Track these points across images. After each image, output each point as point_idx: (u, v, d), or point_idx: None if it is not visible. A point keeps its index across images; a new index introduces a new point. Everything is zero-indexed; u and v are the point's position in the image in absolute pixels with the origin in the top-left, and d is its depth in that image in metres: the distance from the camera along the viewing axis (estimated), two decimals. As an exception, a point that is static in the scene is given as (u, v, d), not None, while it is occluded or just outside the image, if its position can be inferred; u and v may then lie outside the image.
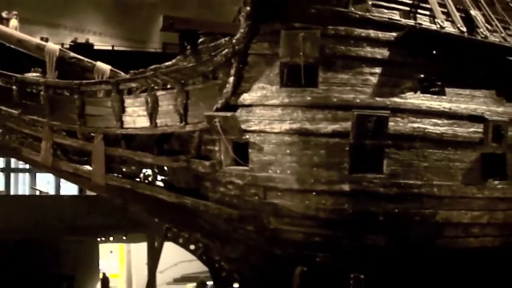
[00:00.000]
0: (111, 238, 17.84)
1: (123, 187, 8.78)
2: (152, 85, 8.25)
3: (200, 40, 7.96)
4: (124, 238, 17.59)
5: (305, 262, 7.45)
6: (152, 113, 8.21)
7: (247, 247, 8.09)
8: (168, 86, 8.21)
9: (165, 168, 8.65)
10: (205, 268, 10.31)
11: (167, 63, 8.15)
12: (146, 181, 8.86)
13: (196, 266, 13.14)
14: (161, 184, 8.77)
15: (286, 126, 6.92)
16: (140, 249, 18.07)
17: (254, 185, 7.17)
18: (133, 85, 8.58)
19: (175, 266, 17.86)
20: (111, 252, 20.16)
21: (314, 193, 6.94)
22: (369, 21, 7.27)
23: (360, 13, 7.26)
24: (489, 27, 8.42)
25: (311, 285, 7.48)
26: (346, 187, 6.87)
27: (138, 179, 8.89)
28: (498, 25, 8.60)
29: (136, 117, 8.49)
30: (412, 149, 7.04)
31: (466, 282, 7.75)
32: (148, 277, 13.48)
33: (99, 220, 15.74)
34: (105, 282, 16.57)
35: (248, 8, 7.11)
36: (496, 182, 7.64)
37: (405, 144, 7.00)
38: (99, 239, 17.70)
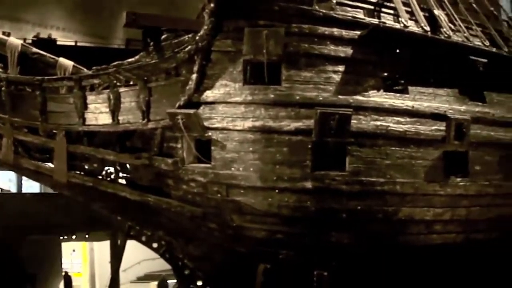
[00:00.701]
0: (73, 237, 17.62)
1: (85, 185, 8.64)
2: (115, 81, 8.13)
3: (163, 36, 7.87)
4: (86, 236, 17.43)
5: (268, 259, 7.43)
6: (114, 110, 8.10)
7: (210, 244, 8.05)
8: (131, 83, 8.11)
9: (128, 165, 8.55)
10: (168, 266, 10.25)
11: (129, 60, 8.07)
12: (109, 179, 8.74)
13: (160, 264, 13.08)
14: (123, 181, 8.66)
15: (249, 123, 6.87)
16: (103, 248, 17.90)
17: (217, 182, 7.11)
18: (96, 81, 8.44)
19: (139, 265, 17.80)
20: (73, 250, 19.98)
21: (277, 191, 6.91)
22: (333, 19, 7.27)
23: (324, 11, 7.25)
24: (452, 26, 8.50)
25: (274, 282, 7.46)
26: (308, 184, 6.85)
27: (100, 177, 8.77)
28: (461, 25, 8.69)
29: (98, 114, 8.36)
30: (375, 146, 7.06)
31: (429, 278, 7.84)
32: (111, 275, 13.34)
33: (61, 219, 15.49)
34: (68, 281, 16.40)
35: (212, 5, 7.05)
36: (459, 179, 7.70)
37: (367, 142, 7.01)
38: (61, 238, 17.49)
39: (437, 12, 8.46)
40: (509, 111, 8.44)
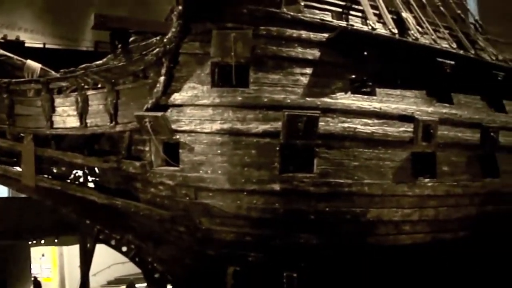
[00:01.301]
0: (42, 241, 17.37)
1: (54, 188, 8.56)
2: (83, 84, 8.08)
3: (132, 39, 7.81)
4: (56, 241, 17.20)
5: (238, 261, 7.44)
6: (82, 113, 8.06)
7: (179, 248, 8.00)
8: (99, 86, 8.05)
9: (96, 169, 8.48)
10: (139, 270, 10.18)
11: (97, 62, 8.01)
12: (77, 183, 8.66)
13: (130, 268, 12.98)
14: (92, 185, 8.59)
15: (216, 126, 6.85)
16: (72, 252, 17.69)
17: (185, 185, 7.07)
18: (63, 84, 8.38)
19: (109, 269, 17.63)
20: (43, 255, 19.73)
21: (245, 193, 6.89)
22: (301, 22, 7.28)
23: (292, 14, 7.26)
24: (420, 29, 8.57)
25: (244, 284, 7.46)
26: (277, 186, 6.85)
27: (68, 180, 8.69)
28: (429, 27, 8.77)
29: (66, 117, 8.31)
30: (343, 148, 7.08)
31: (399, 278, 7.88)
32: (81, 280, 13.21)
33: (30, 223, 15.28)
34: (37, 286, 16.19)
35: (180, 8, 7.02)
36: (426, 180, 7.76)
37: (335, 144, 7.03)
38: (30, 243, 17.24)
39: (405, 14, 8.53)
40: (475, 112, 8.53)
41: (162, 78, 7.09)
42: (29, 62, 9.17)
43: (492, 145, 8.50)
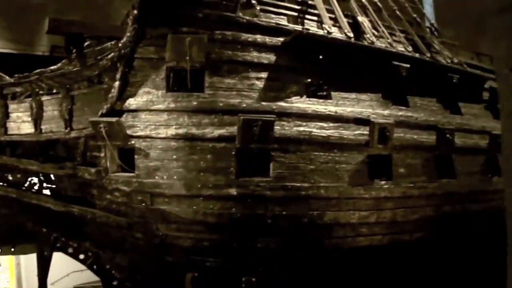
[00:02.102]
0: (-2, 251, 17.05)
1: (9, 196, 8.42)
2: (37, 89, 7.98)
3: (87, 43, 7.71)
4: (12, 250, 16.81)
5: (196, 267, 7.39)
6: (37, 119, 7.96)
7: (137, 254, 7.91)
8: (54, 91, 7.95)
9: (52, 176, 8.36)
10: (97, 278, 10.05)
11: (52, 67, 7.86)
12: (33, 190, 8.53)
13: (89, 276, 12.81)
14: (48, 192, 8.47)
15: (172, 131, 6.79)
16: (30, 261, 17.36)
17: (141, 191, 7.00)
18: (18, 89, 8.26)
19: (68, 277, 17.37)
20: (-1, 265, 19.40)
21: (201, 198, 6.85)
22: (257, 26, 7.26)
23: (247, 18, 7.25)
24: (375, 33, 8.64)
25: (203, 290, 7.44)
26: (233, 191, 6.82)
27: (24, 188, 8.55)
28: (385, 31, 8.84)
29: (20, 123, 8.21)
30: (299, 152, 7.08)
31: (357, 280, 7.94)
32: (39, 289, 12.97)
33: (-15, 232, 14.94)
34: (-6, 296, 15.85)
35: (135, 12, 6.97)
36: (383, 182, 7.81)
37: (291, 148, 7.03)
38: (-14, 253, 16.89)
39: (360, 18, 8.60)
40: (431, 115, 8.63)
41: (117, 83, 7.01)
42: (-18, 67, 9.00)
43: (448, 146, 8.60)
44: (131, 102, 6.98)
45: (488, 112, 9.87)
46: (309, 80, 7.39)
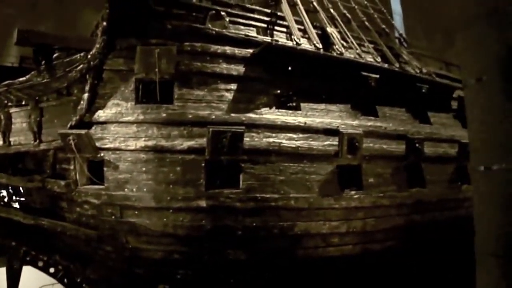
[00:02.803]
0: (-33, 265, 16.71)
1: (-23, 209, 8.28)
2: (6, 101, 7.87)
3: (56, 55, 7.65)
4: (-19, 264, 16.50)
5: (166, 280, 7.35)
6: (5, 131, 7.87)
7: (108, 267, 7.83)
8: (22, 103, 7.86)
9: (21, 188, 8.26)
10: (68, 291, 9.91)
11: (21, 79, 7.77)
12: (1, 203, 8.41)
13: (60, 290, 12.61)
14: (17, 205, 8.36)
15: (141, 143, 6.77)
16: (-1, 275, 17.08)
17: (111, 204, 6.95)
18: (-15, 101, 8.13)
19: (38, 291, 17.11)
20: (-33, 279, 19.01)
21: (171, 211, 6.82)
22: (226, 37, 7.30)
23: (216, 29, 7.29)
24: (344, 44, 8.74)
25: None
26: (203, 203, 6.80)
27: (-8, 201, 8.44)
28: (354, 42, 8.94)
29: None
30: (268, 163, 7.10)
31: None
32: (8, 304, 12.74)
33: (-47, 247, 14.65)
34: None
35: (104, 23, 6.95)
36: (353, 192, 7.86)
37: (260, 159, 7.05)
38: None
39: (329, 29, 8.68)
40: (401, 124, 8.72)
41: (86, 95, 6.99)
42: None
43: (418, 156, 8.68)
44: (100, 114, 6.96)
45: (457, 121, 9.99)
46: (278, 91, 7.44)
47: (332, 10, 9.35)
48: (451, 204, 9.33)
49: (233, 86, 7.14)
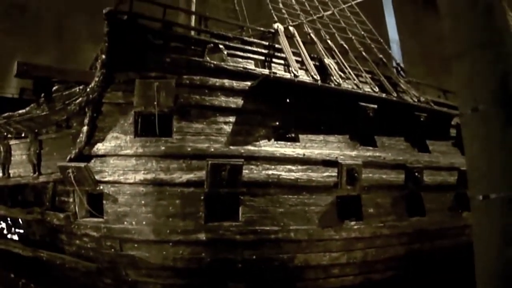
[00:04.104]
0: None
1: (-25, 241, 8.26)
2: (5, 133, 7.90)
3: (55, 88, 7.71)
4: (-22, 297, 16.33)
5: (166, 313, 7.30)
6: (5, 163, 7.89)
7: (107, 300, 7.80)
8: (22, 135, 7.90)
9: (20, 220, 8.25)
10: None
11: (20, 111, 7.82)
12: (0, 234, 8.40)
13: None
14: (15, 237, 8.34)
15: (140, 176, 6.78)
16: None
17: (110, 237, 6.93)
18: (-15, 133, 8.17)
19: (36, 324, 16.93)
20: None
21: (171, 244, 6.79)
22: (224, 70, 7.35)
23: (215, 62, 7.34)
24: (342, 74, 8.78)
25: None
26: (202, 236, 6.78)
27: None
28: (351, 72, 8.98)
29: None
30: (267, 195, 7.10)
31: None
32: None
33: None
34: None
35: (103, 56, 7.01)
36: (353, 223, 7.84)
37: (260, 191, 7.05)
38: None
39: (327, 60, 8.74)
40: (399, 154, 8.74)
41: (85, 128, 7.04)
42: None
43: (417, 185, 8.69)
44: (100, 147, 6.99)
45: (456, 149, 10.01)
46: (277, 123, 7.47)
47: (329, 41, 9.41)
48: (452, 232, 9.31)
49: (232, 119, 7.17)
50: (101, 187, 6.91)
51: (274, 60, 8.23)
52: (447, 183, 9.34)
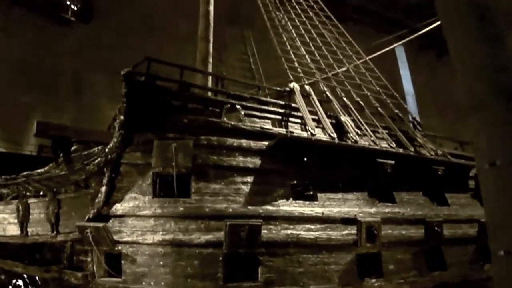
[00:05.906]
0: None
1: (-7, 299, 8.27)
2: (24, 192, 7.97)
3: (74, 147, 7.79)
4: None
5: None
6: (23, 221, 7.93)
7: None
8: (41, 194, 7.96)
9: (37, 278, 8.24)
10: None
11: (39, 170, 7.92)
12: (18, 293, 8.41)
13: None
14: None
15: (158, 237, 6.77)
16: None
17: None
18: (4, 191, 8.25)
19: None
20: None
21: None
22: (241, 130, 7.42)
23: (232, 123, 7.41)
24: (359, 131, 8.80)
25: None
26: None
27: (8, 290, 8.43)
28: (368, 128, 9.01)
29: (6, 224, 8.15)
30: (287, 255, 7.04)
31: None
32: None
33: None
34: None
35: (122, 117, 7.09)
36: (373, 280, 7.73)
37: (279, 251, 6.99)
38: None
39: (343, 118, 8.78)
40: (418, 209, 8.68)
41: (103, 188, 7.08)
42: (-30, 167, 9.02)
43: (437, 239, 8.59)
44: (118, 208, 7.01)
45: (475, 200, 9.91)
46: (294, 182, 7.48)
47: (345, 99, 9.49)
48: (474, 285, 9.15)
49: (250, 179, 7.18)
50: (120, 247, 6.90)
51: (290, 119, 8.28)
52: (468, 236, 9.22)
